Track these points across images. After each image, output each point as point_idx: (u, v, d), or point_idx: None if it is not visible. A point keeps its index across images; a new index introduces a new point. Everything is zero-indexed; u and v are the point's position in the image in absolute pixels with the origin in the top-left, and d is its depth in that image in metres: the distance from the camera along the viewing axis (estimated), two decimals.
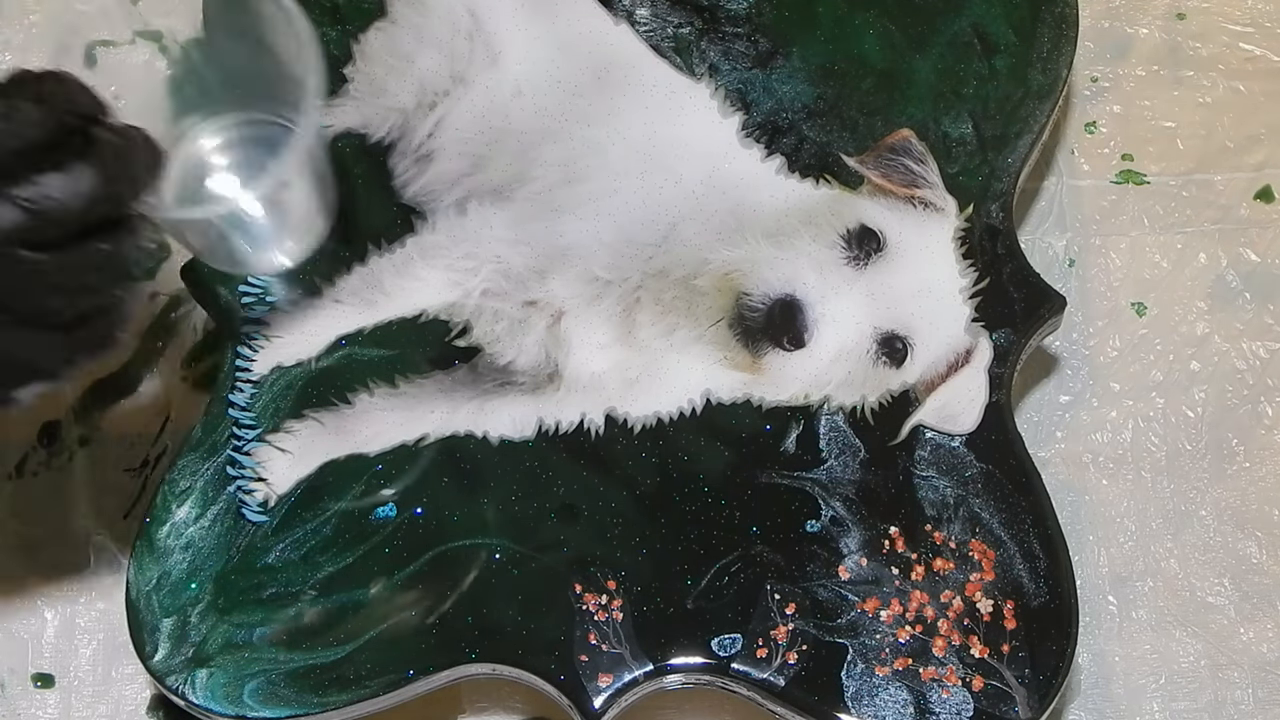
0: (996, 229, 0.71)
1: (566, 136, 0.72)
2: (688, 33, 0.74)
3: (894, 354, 0.69)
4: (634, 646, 0.64)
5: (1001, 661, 0.64)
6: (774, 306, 0.69)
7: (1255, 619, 0.73)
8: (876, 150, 0.72)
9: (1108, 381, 0.77)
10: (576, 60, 0.73)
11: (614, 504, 0.66)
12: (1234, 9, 0.84)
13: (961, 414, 0.68)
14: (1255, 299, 0.78)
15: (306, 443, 0.67)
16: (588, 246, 0.71)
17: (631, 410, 0.68)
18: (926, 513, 0.66)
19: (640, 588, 0.65)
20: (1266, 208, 0.80)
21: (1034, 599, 0.65)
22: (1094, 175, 0.81)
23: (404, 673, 0.64)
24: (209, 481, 0.67)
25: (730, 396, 0.68)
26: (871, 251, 0.70)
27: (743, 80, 0.73)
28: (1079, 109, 0.82)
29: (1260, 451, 0.76)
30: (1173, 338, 0.78)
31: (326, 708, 0.63)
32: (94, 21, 0.82)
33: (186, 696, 0.63)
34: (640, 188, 0.72)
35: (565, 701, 0.64)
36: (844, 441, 0.67)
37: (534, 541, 0.66)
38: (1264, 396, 0.77)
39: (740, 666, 0.64)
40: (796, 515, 0.66)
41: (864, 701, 0.63)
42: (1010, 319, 0.69)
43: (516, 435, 0.68)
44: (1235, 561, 0.74)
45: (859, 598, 0.65)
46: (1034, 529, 0.66)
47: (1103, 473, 0.76)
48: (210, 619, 0.64)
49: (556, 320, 0.70)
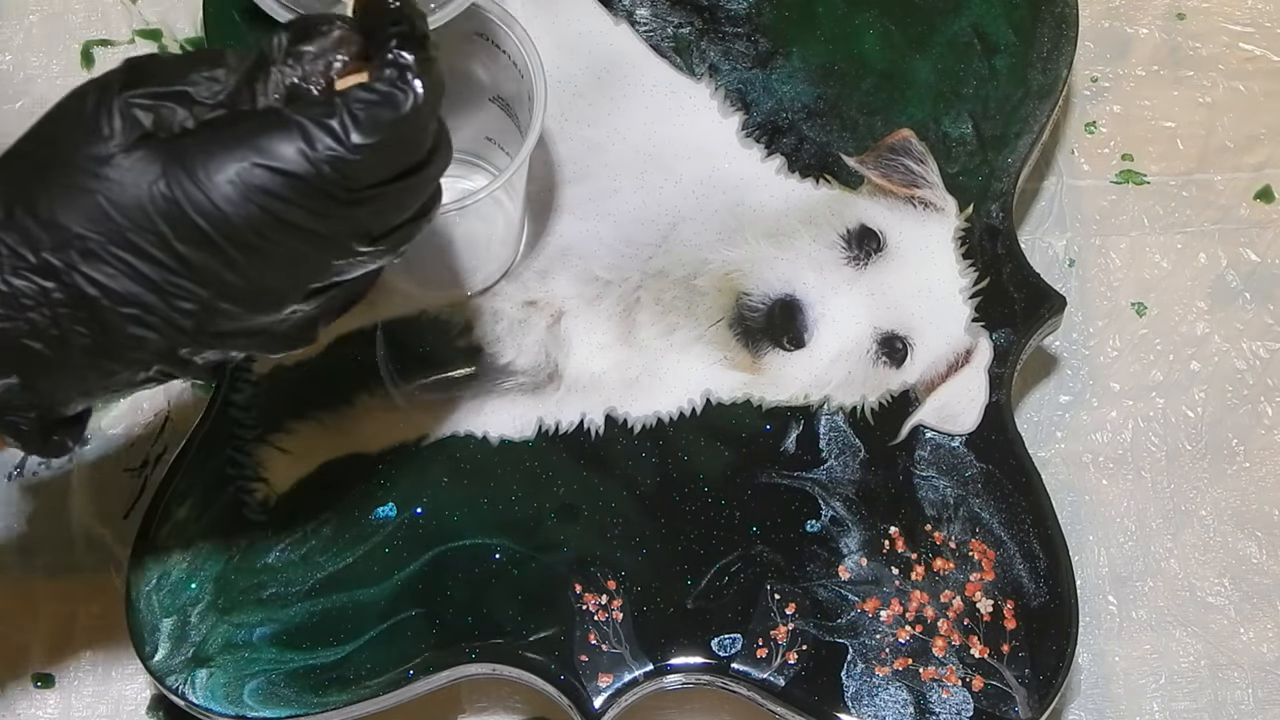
0: (996, 229, 0.71)
1: (566, 136, 0.72)
2: (688, 33, 0.74)
3: (894, 354, 0.69)
4: (634, 646, 0.64)
5: (1001, 661, 0.64)
6: (774, 306, 0.69)
7: (1255, 619, 0.73)
8: (876, 150, 0.72)
9: (1108, 381, 0.77)
10: (576, 60, 0.74)
11: (614, 504, 0.66)
12: (1234, 9, 0.84)
13: (961, 414, 0.68)
14: (1255, 299, 0.78)
15: (306, 443, 0.67)
16: (588, 246, 0.71)
17: (631, 410, 0.68)
18: (926, 513, 0.66)
19: (640, 588, 0.65)
20: (1266, 208, 0.80)
21: (1034, 599, 0.65)
22: (1094, 175, 0.81)
23: (404, 673, 0.64)
24: (209, 481, 0.66)
25: (730, 396, 0.68)
26: (871, 251, 0.70)
27: (743, 80, 0.73)
28: (1079, 109, 0.82)
29: (1260, 451, 0.76)
30: (1173, 338, 0.78)
31: (326, 708, 0.63)
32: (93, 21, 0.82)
33: (186, 696, 0.63)
34: (640, 188, 0.72)
35: (565, 701, 0.64)
36: (844, 441, 0.67)
37: (534, 541, 0.66)
38: (1264, 396, 0.77)
39: (740, 666, 0.64)
40: (796, 515, 0.66)
41: (864, 701, 0.63)
42: (1010, 319, 0.69)
43: (516, 435, 0.68)
44: (1235, 561, 0.74)
45: (859, 598, 0.65)
46: (1034, 529, 0.66)
47: (1103, 473, 0.76)
48: (210, 619, 0.64)
49: (556, 320, 0.70)
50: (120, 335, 0.48)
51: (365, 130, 0.46)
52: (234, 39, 0.72)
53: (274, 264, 0.48)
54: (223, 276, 0.47)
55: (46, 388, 0.49)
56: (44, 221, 0.47)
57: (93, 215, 0.46)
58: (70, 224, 0.46)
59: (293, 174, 0.46)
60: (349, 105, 0.46)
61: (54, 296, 0.47)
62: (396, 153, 0.48)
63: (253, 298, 0.48)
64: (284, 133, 0.46)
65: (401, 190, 0.48)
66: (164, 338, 0.48)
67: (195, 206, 0.46)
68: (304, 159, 0.46)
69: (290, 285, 0.49)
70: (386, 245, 0.50)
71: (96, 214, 0.46)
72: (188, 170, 0.46)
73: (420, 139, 0.48)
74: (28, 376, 0.48)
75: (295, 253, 0.48)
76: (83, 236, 0.46)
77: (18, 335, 0.47)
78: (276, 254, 0.47)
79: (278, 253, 0.47)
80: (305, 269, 0.49)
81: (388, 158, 0.47)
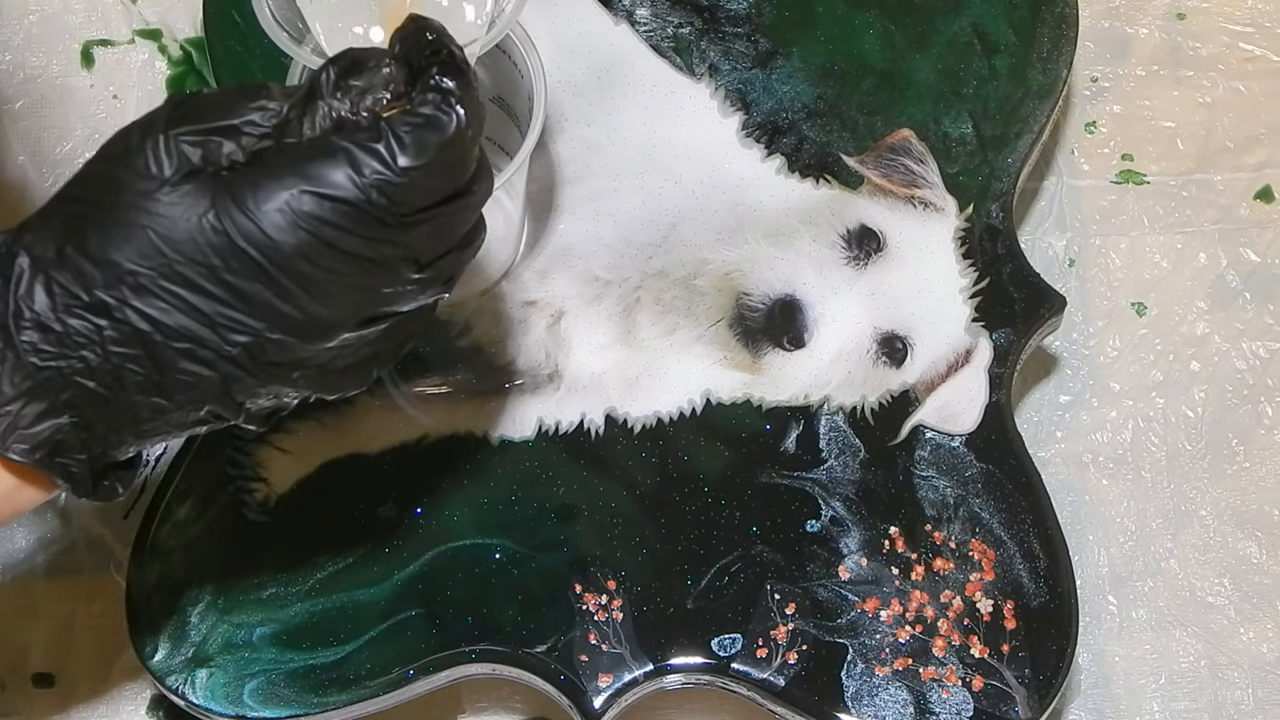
0: (996, 229, 0.71)
1: (566, 136, 0.72)
2: (688, 33, 0.74)
3: (894, 354, 0.69)
4: (634, 646, 0.64)
5: (1001, 661, 0.64)
6: (774, 306, 0.69)
7: (1255, 619, 0.73)
8: (876, 150, 0.72)
9: (1108, 381, 0.77)
10: (576, 60, 0.74)
11: (614, 504, 0.66)
12: (1234, 9, 0.84)
13: (961, 414, 0.68)
14: (1255, 299, 0.78)
15: (306, 443, 0.67)
16: (588, 246, 0.71)
17: (631, 410, 0.68)
18: (926, 513, 0.66)
19: (640, 588, 0.65)
20: (1266, 208, 0.80)
21: (1034, 599, 0.65)
22: (1094, 175, 0.81)
23: (404, 673, 0.64)
24: (209, 481, 0.66)
25: (730, 396, 0.68)
26: (871, 251, 0.70)
27: (743, 80, 0.73)
28: (1079, 109, 0.82)
29: (1260, 451, 0.76)
30: (1173, 338, 0.78)
31: (326, 708, 0.63)
32: (92, 21, 0.82)
33: (186, 696, 0.63)
34: (640, 188, 0.72)
35: (565, 701, 0.64)
36: (844, 441, 0.67)
37: (534, 541, 0.66)
38: (1264, 396, 0.77)
39: (740, 666, 0.64)
40: (796, 515, 0.66)
41: (864, 701, 0.63)
42: (1010, 319, 0.69)
43: (516, 435, 0.68)
44: (1235, 561, 0.74)
45: (859, 598, 0.65)
46: (1034, 529, 0.66)
47: (1103, 473, 0.76)
48: (210, 619, 0.64)
49: (556, 320, 0.70)
50: (173, 371, 0.48)
51: (412, 153, 0.47)
52: (234, 39, 0.72)
53: (325, 292, 0.48)
54: (275, 306, 0.47)
55: (100, 428, 0.49)
56: (95, 259, 0.47)
57: (144, 250, 0.47)
58: (122, 260, 0.47)
59: (341, 199, 0.46)
60: (395, 129, 0.47)
61: (107, 334, 0.47)
62: (442, 176, 0.48)
63: (305, 326, 0.48)
64: (331, 159, 0.46)
65: (447, 215, 0.49)
66: (217, 373, 0.48)
67: (245, 236, 0.46)
68: (352, 184, 0.46)
69: (342, 313, 0.49)
70: (434, 273, 0.50)
71: (147, 249, 0.47)
72: (236, 200, 0.46)
73: (465, 162, 0.48)
74: (81, 416, 0.48)
75: (346, 279, 0.48)
76: (134, 272, 0.47)
77: (72, 374, 0.48)
78: (328, 281, 0.47)
79: (329, 280, 0.47)
80: (356, 296, 0.49)
81: (434, 181, 0.48)
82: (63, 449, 0.49)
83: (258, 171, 0.47)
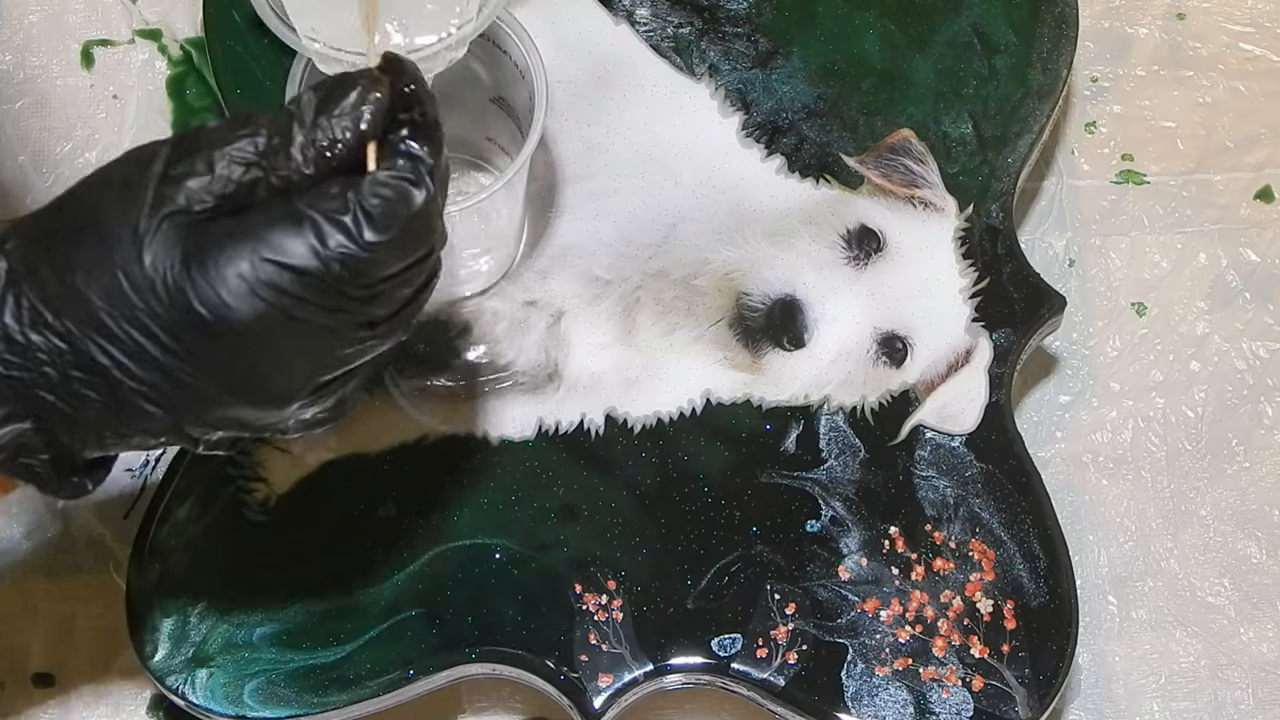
0: (996, 229, 0.71)
1: (566, 136, 0.72)
2: (688, 33, 0.74)
3: (894, 354, 0.69)
4: (634, 646, 0.64)
5: (1001, 661, 0.64)
6: (774, 306, 0.69)
7: (1255, 619, 0.73)
8: (876, 150, 0.72)
9: (1108, 381, 0.77)
10: (576, 60, 0.74)
11: (614, 504, 0.66)
12: (1234, 9, 0.84)
13: (961, 414, 0.68)
14: (1255, 299, 0.78)
15: (306, 443, 0.67)
16: (588, 246, 0.71)
17: (631, 410, 0.68)
18: (926, 513, 0.66)
19: (640, 588, 0.65)
20: (1266, 208, 0.80)
21: (1034, 599, 0.65)
22: (1094, 175, 0.81)
23: (404, 673, 0.64)
24: (209, 481, 0.66)
25: (730, 396, 0.68)
26: (871, 251, 0.70)
27: (743, 80, 0.73)
28: (1079, 109, 0.82)
29: (1260, 451, 0.76)
30: (1173, 338, 0.78)
31: (326, 708, 0.63)
32: (93, 21, 0.82)
33: (186, 696, 0.63)
34: (640, 188, 0.72)
35: (565, 701, 0.64)
36: (844, 441, 0.67)
37: (534, 541, 0.66)
38: (1264, 396, 0.77)
39: (740, 666, 0.64)
40: (796, 515, 0.66)
41: (864, 701, 0.63)
42: (1010, 319, 0.69)
43: (516, 435, 0.68)
44: (1235, 561, 0.74)
45: (859, 598, 0.65)
46: (1034, 529, 0.66)
47: (1103, 473, 0.76)
48: (210, 619, 0.64)
49: (556, 320, 0.70)
50: (130, 406, 0.48)
51: (379, 228, 0.46)
52: (234, 39, 0.72)
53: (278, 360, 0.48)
54: (227, 370, 0.47)
55: (63, 436, 0.49)
56: (66, 285, 0.47)
57: (110, 291, 0.47)
58: (90, 294, 0.47)
59: (302, 269, 0.46)
60: (363, 202, 0.46)
61: (67, 358, 0.47)
62: (407, 248, 0.48)
63: (257, 390, 0.48)
64: (296, 227, 0.46)
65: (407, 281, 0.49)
66: (171, 415, 0.48)
67: (202, 299, 0.46)
68: (314, 256, 0.46)
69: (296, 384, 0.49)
70: (390, 326, 0.50)
71: (114, 290, 0.47)
72: (199, 260, 0.46)
73: (430, 232, 0.48)
74: (43, 423, 0.49)
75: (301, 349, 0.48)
76: (100, 310, 0.47)
77: (34, 385, 0.48)
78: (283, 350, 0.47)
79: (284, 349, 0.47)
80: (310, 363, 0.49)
81: (399, 252, 0.47)
82: (26, 450, 0.49)
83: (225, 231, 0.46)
